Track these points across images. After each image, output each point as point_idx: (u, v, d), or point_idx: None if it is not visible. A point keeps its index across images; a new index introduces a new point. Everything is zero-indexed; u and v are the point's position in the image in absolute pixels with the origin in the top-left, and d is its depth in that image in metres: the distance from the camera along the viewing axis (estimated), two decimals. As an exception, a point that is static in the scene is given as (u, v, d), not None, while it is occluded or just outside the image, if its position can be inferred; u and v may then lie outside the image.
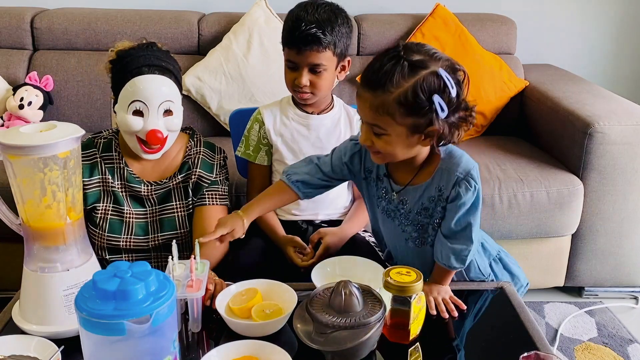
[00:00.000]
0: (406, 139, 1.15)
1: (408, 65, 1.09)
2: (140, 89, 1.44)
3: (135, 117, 1.46)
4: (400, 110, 1.10)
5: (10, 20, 2.58)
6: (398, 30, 2.65)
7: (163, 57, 1.51)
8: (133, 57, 1.48)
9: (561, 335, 2.08)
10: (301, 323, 1.07)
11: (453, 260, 1.25)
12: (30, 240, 1.13)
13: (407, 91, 1.08)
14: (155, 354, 0.91)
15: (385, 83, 1.09)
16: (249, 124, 1.69)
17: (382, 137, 1.15)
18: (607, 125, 2.07)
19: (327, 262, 1.40)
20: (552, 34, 2.98)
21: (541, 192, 2.11)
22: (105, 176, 1.54)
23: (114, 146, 1.57)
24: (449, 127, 1.13)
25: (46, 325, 1.13)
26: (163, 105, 1.46)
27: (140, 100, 1.44)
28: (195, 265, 1.20)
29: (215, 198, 1.58)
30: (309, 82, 1.53)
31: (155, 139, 1.46)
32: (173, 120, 1.49)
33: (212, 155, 1.62)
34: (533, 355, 0.97)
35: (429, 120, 1.11)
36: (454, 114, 1.13)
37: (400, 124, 1.12)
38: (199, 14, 2.70)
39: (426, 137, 1.15)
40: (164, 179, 1.57)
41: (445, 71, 1.10)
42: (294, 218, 1.68)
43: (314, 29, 1.47)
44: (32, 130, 1.10)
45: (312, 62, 1.51)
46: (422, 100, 1.09)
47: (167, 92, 1.47)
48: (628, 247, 2.22)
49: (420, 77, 1.08)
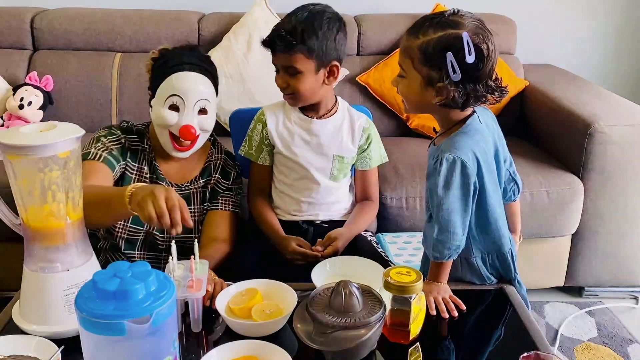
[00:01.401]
0: (420, 88, 1.21)
1: (441, 22, 1.18)
2: (179, 84, 1.48)
3: (171, 111, 1.49)
4: (419, 56, 1.18)
5: (10, 20, 2.59)
6: (398, 30, 2.65)
7: (204, 59, 1.56)
8: (175, 55, 1.52)
9: (561, 335, 2.08)
10: (301, 323, 1.07)
11: (428, 246, 1.25)
12: (30, 240, 1.13)
13: (430, 41, 1.17)
14: (155, 354, 0.91)
15: (418, 30, 1.19)
16: (252, 124, 1.69)
17: (403, 80, 1.24)
18: (607, 125, 2.07)
19: (327, 262, 1.40)
20: (552, 34, 2.98)
21: (541, 192, 2.11)
22: (141, 165, 1.57)
23: (146, 141, 1.59)
24: (460, 93, 1.17)
25: (46, 325, 1.13)
26: (199, 103, 1.49)
27: (178, 95, 1.47)
28: (195, 265, 1.20)
29: (228, 204, 1.62)
30: (287, 84, 1.55)
31: (189, 134, 1.48)
32: (207, 120, 1.52)
33: (230, 164, 1.67)
34: (533, 355, 0.97)
35: (440, 76, 1.17)
36: (470, 83, 1.17)
37: (417, 70, 1.20)
38: (199, 14, 2.70)
39: (437, 94, 1.19)
40: (186, 182, 1.60)
41: (470, 38, 1.14)
42: (294, 218, 1.69)
43: (283, 32, 1.49)
44: (32, 130, 1.10)
45: (284, 64, 1.53)
46: (438, 54, 1.15)
47: (204, 90, 1.50)
48: (628, 247, 2.22)
49: (445, 34, 1.16)
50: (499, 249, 1.34)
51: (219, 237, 1.58)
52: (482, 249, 1.33)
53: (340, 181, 1.68)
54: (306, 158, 1.64)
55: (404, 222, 2.09)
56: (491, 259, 1.34)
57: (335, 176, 1.66)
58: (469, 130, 1.23)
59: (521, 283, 1.38)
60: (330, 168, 1.65)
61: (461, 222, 1.23)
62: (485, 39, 1.17)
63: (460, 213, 1.22)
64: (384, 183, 2.12)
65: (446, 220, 1.22)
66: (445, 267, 1.28)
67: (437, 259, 1.26)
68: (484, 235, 1.31)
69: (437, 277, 1.29)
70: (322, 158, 1.64)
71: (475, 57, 1.14)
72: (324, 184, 1.66)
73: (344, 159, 1.66)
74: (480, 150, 1.23)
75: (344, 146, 1.65)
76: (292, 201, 1.68)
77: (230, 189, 1.64)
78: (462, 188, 1.21)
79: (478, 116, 1.27)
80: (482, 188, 1.25)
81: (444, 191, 1.20)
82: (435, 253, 1.25)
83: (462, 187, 1.21)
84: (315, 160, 1.64)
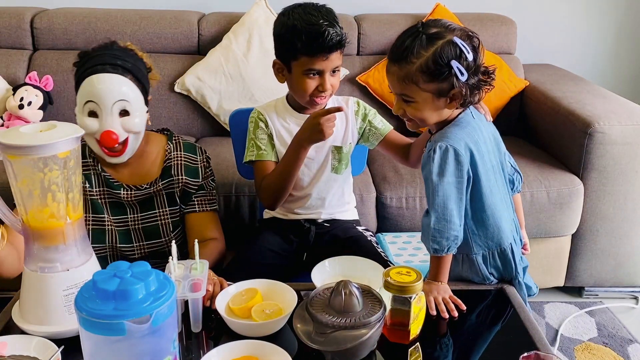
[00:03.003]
0: (432, 104, 1.26)
1: (426, 38, 1.21)
2: (92, 89, 1.39)
3: (91, 118, 1.40)
4: (422, 77, 1.22)
5: (10, 20, 2.58)
6: (398, 30, 2.59)
7: (121, 55, 1.45)
8: (90, 56, 1.44)
9: (561, 335, 2.08)
10: (301, 323, 1.07)
11: (427, 238, 1.25)
12: (30, 240, 1.13)
13: (427, 60, 1.21)
14: (155, 354, 0.91)
15: (408, 56, 1.22)
16: (251, 126, 1.64)
17: (411, 105, 1.27)
18: (607, 125, 2.07)
19: (327, 262, 1.40)
20: (552, 34, 2.98)
21: (541, 192, 2.11)
22: (92, 188, 1.50)
23: (87, 152, 1.50)
24: (470, 89, 1.24)
25: (46, 325, 1.13)
26: (117, 104, 1.40)
27: (92, 101, 1.39)
28: (195, 265, 1.20)
29: (204, 204, 1.57)
30: (332, 85, 1.52)
31: (109, 140, 1.39)
32: (131, 121, 1.42)
33: (194, 159, 1.58)
34: (533, 355, 0.97)
35: (450, 85, 1.22)
36: (474, 77, 1.23)
37: (425, 90, 1.24)
38: (199, 14, 2.70)
39: (451, 100, 1.25)
40: (145, 183, 1.53)
41: (460, 39, 1.21)
42: (296, 217, 1.68)
43: (333, 32, 1.44)
44: (32, 130, 1.10)
45: (336, 64, 1.50)
46: (442, 66, 1.20)
47: (120, 91, 1.40)
48: (628, 247, 2.22)
49: (437, 47, 1.20)
50: (499, 243, 1.34)
51: (208, 236, 1.55)
52: (482, 245, 1.33)
53: (341, 172, 1.67)
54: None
55: (404, 222, 2.09)
56: (492, 257, 1.35)
57: (336, 167, 1.66)
58: (461, 123, 1.29)
59: (522, 285, 1.37)
60: (329, 160, 1.65)
61: (457, 211, 1.25)
62: (469, 33, 1.24)
63: (456, 201, 1.24)
64: (384, 183, 2.12)
65: (442, 208, 1.24)
66: (445, 263, 1.28)
67: (436, 252, 1.26)
68: (482, 229, 1.32)
69: (437, 274, 1.29)
70: (319, 152, 1.63)
71: (472, 53, 1.21)
72: (325, 178, 1.65)
73: (342, 149, 1.65)
74: (473, 140, 1.27)
75: (339, 136, 1.64)
76: (292, 199, 1.67)
77: (202, 186, 1.57)
78: (456, 175, 1.24)
79: (471, 112, 1.32)
80: (477, 178, 1.28)
81: (439, 178, 1.24)
82: (434, 245, 1.25)
83: (455, 175, 1.24)
84: (313, 156, 1.63)
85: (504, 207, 1.35)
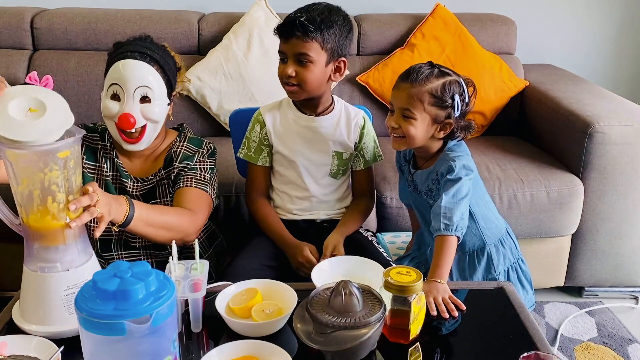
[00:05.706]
0: (427, 127, 1.43)
1: (439, 71, 1.43)
2: (118, 73, 1.43)
3: (113, 101, 1.45)
4: (429, 99, 1.40)
5: (10, 20, 2.59)
6: (398, 30, 2.65)
7: (152, 47, 1.49)
8: (123, 45, 1.49)
9: (561, 335, 2.08)
10: (301, 323, 1.07)
11: (436, 216, 1.37)
12: (30, 240, 1.13)
13: (437, 86, 1.41)
14: (155, 354, 0.91)
15: (422, 79, 1.41)
16: (250, 125, 1.68)
17: (410, 121, 1.42)
18: (607, 125, 2.07)
19: (327, 262, 1.40)
20: (552, 34, 2.98)
21: (541, 192, 2.11)
22: (101, 164, 1.54)
23: (107, 136, 1.56)
24: (459, 126, 1.44)
25: (46, 325, 1.13)
26: (139, 90, 1.44)
27: (117, 84, 1.44)
28: (195, 265, 1.20)
29: (190, 180, 1.52)
30: (295, 73, 1.51)
31: (127, 122, 1.42)
32: (151, 109, 1.46)
33: (194, 149, 1.59)
34: (533, 355, 0.97)
35: (447, 115, 1.42)
36: (462, 117, 1.44)
37: (427, 112, 1.41)
38: (199, 14, 2.70)
39: (441, 129, 1.44)
40: (149, 175, 1.56)
41: (464, 82, 1.44)
42: (294, 218, 1.69)
43: (302, 18, 1.47)
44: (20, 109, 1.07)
45: (297, 51, 1.49)
46: (447, 95, 1.41)
47: (144, 77, 1.44)
48: (628, 247, 2.22)
49: (447, 80, 1.42)
50: (502, 229, 1.59)
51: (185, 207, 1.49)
52: (491, 236, 1.56)
53: (339, 178, 1.68)
54: (305, 156, 1.64)
55: (404, 222, 2.09)
56: (502, 244, 1.57)
57: (334, 173, 1.67)
58: (452, 146, 1.48)
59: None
60: (329, 165, 1.66)
61: (466, 201, 1.40)
62: (468, 82, 1.46)
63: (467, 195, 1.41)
64: (384, 183, 2.12)
65: (455, 192, 1.39)
66: (449, 253, 1.34)
67: (446, 229, 1.35)
68: (488, 223, 1.55)
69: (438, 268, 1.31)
70: (321, 155, 1.64)
71: (468, 98, 1.44)
72: (324, 181, 1.66)
73: (342, 155, 1.66)
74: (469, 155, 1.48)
75: (342, 143, 1.65)
76: (292, 200, 1.68)
77: (194, 167, 1.55)
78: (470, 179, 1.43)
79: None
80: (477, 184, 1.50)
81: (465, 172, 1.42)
82: (445, 220, 1.36)
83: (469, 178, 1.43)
84: (314, 158, 1.64)
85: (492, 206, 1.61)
